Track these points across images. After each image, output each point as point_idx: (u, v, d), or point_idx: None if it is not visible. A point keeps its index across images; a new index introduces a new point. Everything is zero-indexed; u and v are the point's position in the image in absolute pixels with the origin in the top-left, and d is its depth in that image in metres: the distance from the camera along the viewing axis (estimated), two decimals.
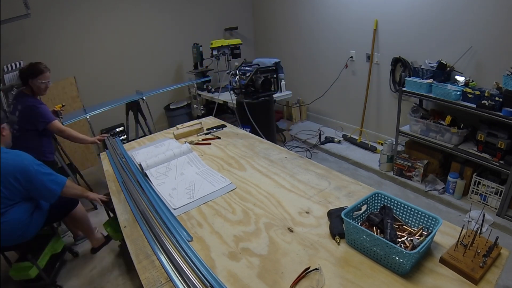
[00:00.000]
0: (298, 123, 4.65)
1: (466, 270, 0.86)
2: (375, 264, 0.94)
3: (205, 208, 1.30)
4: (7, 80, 3.32)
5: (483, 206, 2.53)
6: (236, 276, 0.94)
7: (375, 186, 2.76)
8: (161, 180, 1.52)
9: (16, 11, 3.04)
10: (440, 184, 2.83)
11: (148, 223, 1.20)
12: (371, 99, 3.69)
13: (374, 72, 3.56)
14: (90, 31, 3.82)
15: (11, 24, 3.09)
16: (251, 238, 1.10)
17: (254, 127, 2.83)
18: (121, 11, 3.98)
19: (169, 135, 2.08)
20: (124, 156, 1.72)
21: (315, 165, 1.57)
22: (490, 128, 2.40)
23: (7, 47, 3.28)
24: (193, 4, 4.51)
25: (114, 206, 1.41)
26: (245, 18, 5.08)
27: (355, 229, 0.97)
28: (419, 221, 1.03)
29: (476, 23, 2.57)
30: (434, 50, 2.92)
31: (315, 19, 4.05)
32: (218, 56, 4.04)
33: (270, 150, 1.77)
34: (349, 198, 1.28)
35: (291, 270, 0.94)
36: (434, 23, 2.86)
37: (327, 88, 4.09)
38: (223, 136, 2.00)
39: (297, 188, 1.37)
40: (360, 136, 3.87)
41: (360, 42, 3.57)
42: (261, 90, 2.91)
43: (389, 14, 3.20)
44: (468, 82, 2.53)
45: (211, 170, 1.58)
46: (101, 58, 3.99)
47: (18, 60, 3.38)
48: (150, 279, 0.96)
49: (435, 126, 2.74)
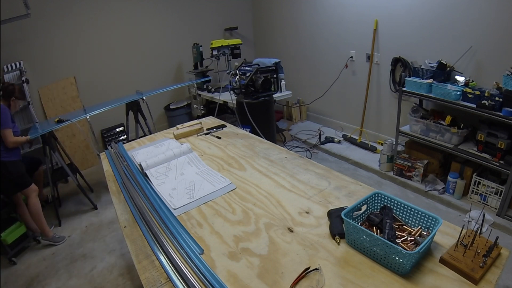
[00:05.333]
0: (298, 123, 4.65)
1: (466, 270, 0.86)
2: (375, 264, 0.94)
3: (205, 208, 1.30)
4: (7, 80, 3.32)
5: (483, 206, 2.53)
6: (236, 276, 0.94)
7: (375, 186, 2.76)
8: (161, 180, 1.52)
9: (16, 11, 3.04)
10: (440, 184, 2.83)
11: (147, 223, 1.20)
12: (371, 99, 3.69)
13: (374, 72, 3.56)
14: (90, 31, 3.83)
15: (11, 24, 3.09)
16: (251, 238, 1.10)
17: (254, 127, 2.83)
18: (121, 11, 3.98)
19: (169, 135, 2.08)
20: (126, 160, 1.72)
21: (315, 165, 1.57)
22: (490, 128, 2.40)
23: (7, 47, 3.28)
24: (193, 4, 4.51)
25: (114, 206, 1.41)
26: (245, 18, 5.09)
27: (355, 229, 0.97)
28: (419, 221, 1.02)
29: (476, 23, 2.57)
30: (434, 50, 2.92)
31: (315, 19, 4.05)
32: (218, 56, 4.04)
33: (270, 150, 1.77)
34: (349, 198, 1.27)
35: (291, 270, 0.94)
36: (434, 23, 2.86)
37: (327, 88, 4.09)
38: (223, 136, 2.00)
39: (297, 188, 1.37)
40: (360, 136, 3.87)
41: (360, 42, 3.57)
42: (261, 90, 2.91)
43: (389, 14, 3.20)
44: (468, 82, 2.53)
45: (211, 170, 1.58)
46: (101, 58, 3.99)
47: (18, 60, 3.38)
48: (150, 279, 0.96)
49: (435, 126, 2.74)
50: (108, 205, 3.14)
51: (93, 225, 2.88)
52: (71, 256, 2.51)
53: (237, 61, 3.78)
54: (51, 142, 2.87)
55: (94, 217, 3.00)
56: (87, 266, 2.38)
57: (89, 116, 2.93)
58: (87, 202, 3.13)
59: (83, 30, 3.77)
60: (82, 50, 3.83)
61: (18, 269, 2.42)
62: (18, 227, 2.59)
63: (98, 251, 2.53)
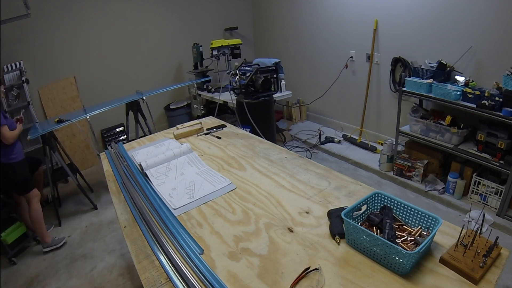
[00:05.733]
0: (298, 123, 4.65)
1: (466, 270, 0.86)
2: (375, 264, 0.94)
3: (205, 208, 1.30)
4: (7, 80, 3.33)
5: (483, 206, 2.53)
6: (236, 276, 0.94)
7: (375, 186, 2.76)
8: (161, 180, 1.52)
9: (16, 11, 3.04)
10: (440, 184, 2.83)
11: (147, 223, 1.21)
12: (371, 99, 3.69)
13: (374, 72, 3.56)
14: (90, 31, 3.83)
15: (11, 24, 3.09)
16: (251, 238, 1.10)
17: (254, 127, 2.83)
18: (121, 11, 3.98)
19: (169, 135, 2.08)
20: (126, 160, 1.72)
21: (315, 165, 1.57)
22: (490, 128, 2.40)
23: (7, 47, 3.28)
24: (193, 4, 4.51)
25: (114, 206, 1.41)
26: (245, 18, 5.09)
27: (355, 229, 0.97)
28: (419, 221, 1.02)
29: (476, 23, 2.57)
30: (434, 50, 2.92)
31: (315, 19, 4.05)
32: (218, 56, 4.04)
33: (270, 150, 1.77)
34: (349, 198, 1.27)
35: (291, 270, 0.94)
36: (434, 23, 2.86)
37: (327, 88, 4.09)
38: (223, 136, 2.00)
39: (297, 188, 1.37)
40: (360, 136, 3.87)
41: (360, 42, 3.57)
42: (261, 90, 2.91)
43: (389, 14, 3.20)
44: (468, 82, 2.53)
45: (211, 170, 1.58)
46: (101, 58, 3.99)
47: (18, 60, 3.38)
48: (150, 279, 0.96)
49: (435, 126, 2.74)
50: (108, 205, 3.14)
51: (93, 225, 2.89)
52: (71, 256, 2.51)
53: (237, 61, 3.78)
54: (51, 142, 2.87)
55: (94, 217, 3.00)
56: (87, 266, 2.38)
57: (89, 116, 2.93)
58: (87, 202, 3.13)
59: (83, 30, 3.77)
60: (82, 50, 3.83)
61: (18, 269, 2.42)
62: (18, 227, 2.59)
63: (98, 251, 2.53)
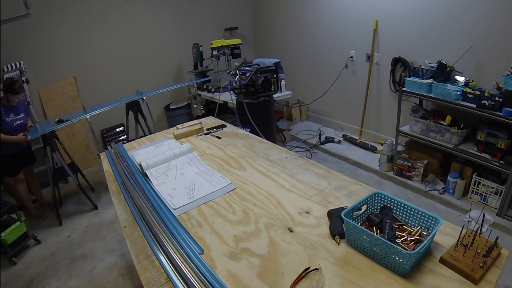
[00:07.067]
0: (298, 123, 4.65)
1: (466, 270, 0.86)
2: (375, 264, 0.94)
3: (205, 208, 1.30)
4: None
5: (483, 206, 2.53)
6: (236, 276, 0.94)
7: (375, 186, 2.76)
8: (161, 180, 1.52)
9: (16, 11, 3.04)
10: (440, 184, 2.83)
11: (147, 223, 1.20)
12: (371, 99, 3.69)
13: (374, 72, 3.56)
14: (90, 31, 3.83)
15: (11, 24, 3.09)
16: (251, 238, 1.10)
17: (254, 127, 2.83)
18: (121, 11, 3.98)
19: (169, 135, 2.08)
20: (126, 160, 1.72)
21: (315, 165, 1.57)
22: (490, 128, 2.40)
23: (7, 47, 3.28)
24: (193, 4, 4.51)
25: (114, 206, 1.41)
26: (245, 18, 5.08)
27: (355, 229, 0.97)
28: (419, 221, 1.02)
29: (476, 23, 2.57)
30: (434, 50, 2.92)
31: (315, 19, 4.05)
32: (218, 56, 4.04)
33: (270, 150, 1.77)
34: (349, 198, 1.27)
35: (291, 270, 0.94)
36: (434, 23, 2.86)
37: (327, 88, 4.09)
38: (223, 136, 2.00)
39: (297, 188, 1.37)
40: (360, 136, 3.87)
41: (360, 42, 3.57)
42: (261, 90, 2.91)
43: (389, 14, 3.20)
44: (468, 82, 2.53)
45: (211, 170, 1.58)
46: (101, 58, 3.99)
47: (18, 60, 3.38)
48: (150, 279, 0.96)
49: (435, 126, 2.74)
50: (108, 205, 3.14)
51: (93, 225, 2.89)
52: (71, 256, 2.51)
53: (237, 61, 3.78)
54: (51, 142, 2.87)
55: (94, 217, 3.00)
56: (87, 266, 2.38)
57: (89, 116, 2.93)
58: (87, 202, 3.13)
59: (83, 30, 3.77)
60: (82, 50, 3.83)
61: (18, 269, 2.42)
62: (18, 227, 2.59)
63: (98, 251, 2.53)
